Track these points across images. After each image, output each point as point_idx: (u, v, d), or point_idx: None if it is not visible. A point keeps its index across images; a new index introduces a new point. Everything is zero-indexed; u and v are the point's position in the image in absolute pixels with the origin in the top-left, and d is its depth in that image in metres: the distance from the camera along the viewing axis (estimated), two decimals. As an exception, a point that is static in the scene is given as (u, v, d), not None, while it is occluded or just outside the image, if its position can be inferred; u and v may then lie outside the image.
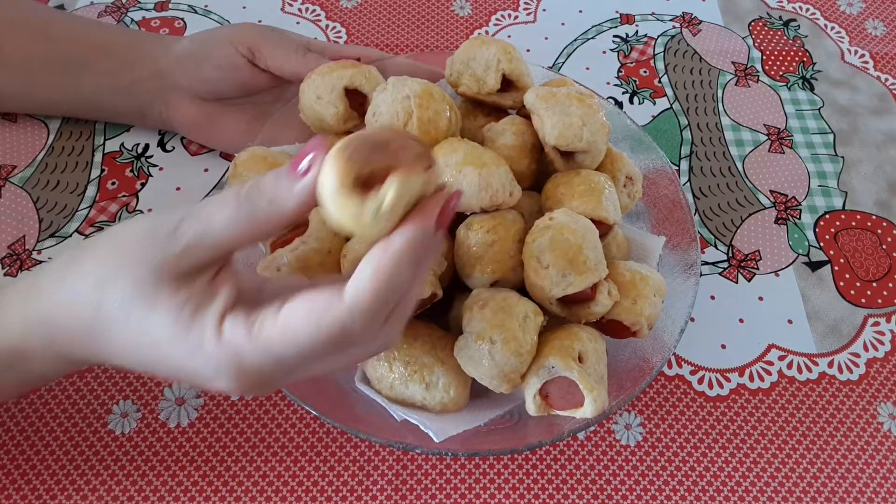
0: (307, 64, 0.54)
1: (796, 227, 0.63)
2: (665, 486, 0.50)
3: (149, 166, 0.63)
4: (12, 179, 0.61)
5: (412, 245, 0.31)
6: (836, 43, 0.77)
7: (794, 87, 0.73)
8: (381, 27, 0.75)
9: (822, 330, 0.58)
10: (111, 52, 0.59)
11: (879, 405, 0.55)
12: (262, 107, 0.61)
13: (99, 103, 0.61)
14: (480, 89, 0.52)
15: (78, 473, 0.48)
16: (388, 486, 0.49)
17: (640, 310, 0.46)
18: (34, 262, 0.57)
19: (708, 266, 0.61)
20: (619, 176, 0.52)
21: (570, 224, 0.44)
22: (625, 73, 0.73)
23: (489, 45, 0.51)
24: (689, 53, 0.75)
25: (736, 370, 0.56)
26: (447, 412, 0.45)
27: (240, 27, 0.58)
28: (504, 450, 0.45)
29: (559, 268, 0.43)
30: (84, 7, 0.73)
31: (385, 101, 0.48)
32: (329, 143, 0.31)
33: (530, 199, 0.51)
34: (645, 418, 0.53)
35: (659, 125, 0.69)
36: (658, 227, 0.56)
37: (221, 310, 0.33)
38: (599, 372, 0.44)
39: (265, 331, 0.32)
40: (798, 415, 0.54)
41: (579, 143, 0.47)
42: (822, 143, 0.69)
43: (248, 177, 0.47)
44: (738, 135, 0.69)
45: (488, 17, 0.76)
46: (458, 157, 0.45)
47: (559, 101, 0.48)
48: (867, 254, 0.62)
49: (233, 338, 0.33)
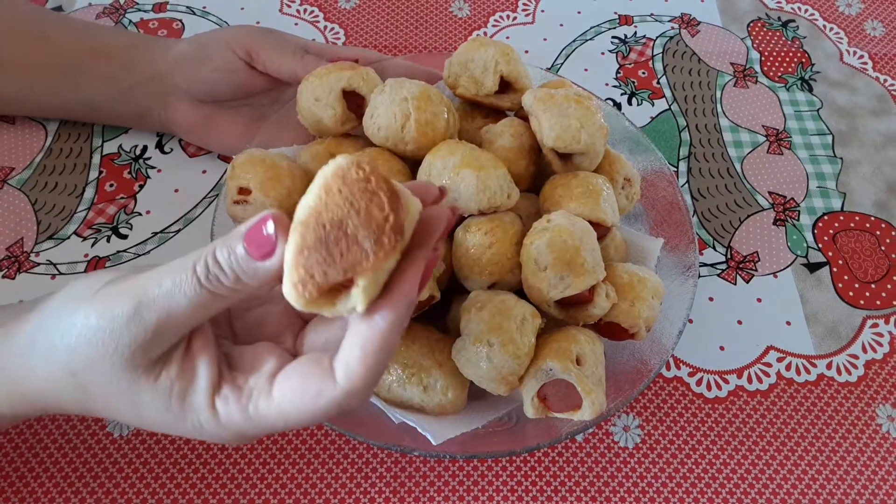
0: (305, 66, 0.54)
1: (795, 228, 0.63)
2: (663, 488, 0.50)
3: (147, 168, 0.63)
4: (10, 181, 0.61)
5: (398, 322, 0.30)
6: (834, 44, 0.77)
7: (793, 88, 0.73)
8: (380, 28, 0.75)
9: (821, 331, 0.58)
10: (109, 56, 0.59)
11: (878, 407, 0.55)
12: (259, 109, 0.61)
13: (97, 107, 0.61)
14: (478, 91, 0.52)
15: (76, 476, 0.48)
16: (386, 488, 0.49)
17: (639, 312, 0.46)
18: (32, 263, 0.57)
19: (706, 267, 0.61)
20: (617, 178, 0.52)
21: (568, 226, 0.44)
22: (623, 75, 0.73)
23: (487, 47, 0.51)
24: (688, 54, 0.75)
25: (734, 372, 0.56)
26: (445, 414, 0.45)
27: (237, 30, 0.58)
28: (502, 452, 0.45)
29: (557, 270, 0.43)
30: (82, 8, 0.73)
31: (383, 102, 0.48)
32: (281, 219, 0.30)
33: (528, 201, 0.51)
34: (643, 420, 0.53)
35: (657, 126, 0.69)
36: (656, 229, 0.56)
37: (208, 387, 0.33)
38: (597, 374, 0.44)
39: (261, 410, 0.33)
40: (796, 416, 0.54)
41: (577, 144, 0.47)
42: (821, 144, 0.69)
43: (246, 179, 0.47)
44: (737, 136, 0.69)
45: (487, 18, 0.76)
46: (456, 159, 0.45)
47: (557, 102, 0.48)
48: (866, 255, 0.62)
49: (229, 419, 0.33)
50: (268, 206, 0.47)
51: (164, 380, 0.33)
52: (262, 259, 0.30)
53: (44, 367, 0.34)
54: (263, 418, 0.33)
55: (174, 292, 0.31)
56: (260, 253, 0.30)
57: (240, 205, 0.48)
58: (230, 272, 0.31)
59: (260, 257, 0.30)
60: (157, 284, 0.31)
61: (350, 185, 0.28)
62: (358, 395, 0.31)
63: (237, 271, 0.31)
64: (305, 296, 0.28)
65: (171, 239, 0.59)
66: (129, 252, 0.58)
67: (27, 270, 0.57)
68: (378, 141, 0.49)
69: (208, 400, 0.33)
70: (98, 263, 0.57)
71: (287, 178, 0.48)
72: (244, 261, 0.31)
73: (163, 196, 0.62)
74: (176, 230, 0.60)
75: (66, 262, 0.57)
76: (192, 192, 0.62)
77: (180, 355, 0.33)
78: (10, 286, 0.56)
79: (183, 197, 0.62)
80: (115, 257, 0.58)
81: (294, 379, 0.32)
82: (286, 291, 0.29)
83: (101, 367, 0.33)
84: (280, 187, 0.47)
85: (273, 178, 0.47)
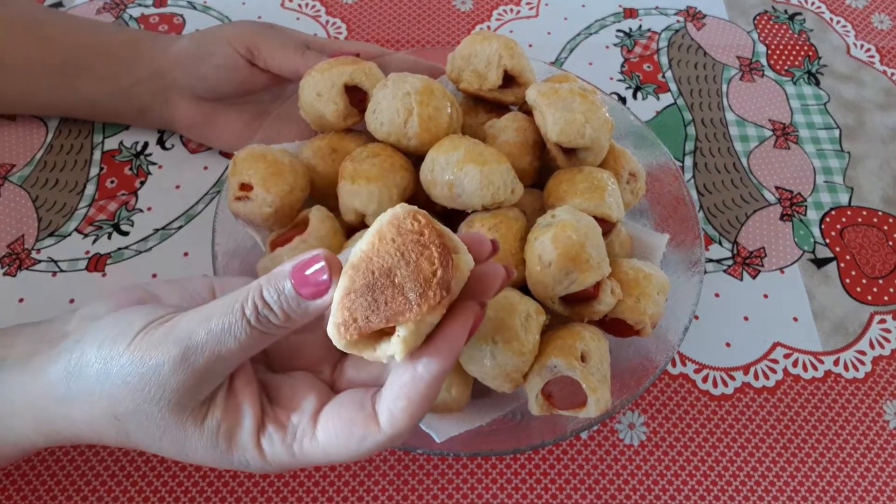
0: (306, 62, 0.53)
1: (802, 223, 0.63)
2: (669, 485, 0.50)
3: (148, 164, 0.63)
4: (11, 178, 0.61)
5: (442, 373, 0.31)
6: (841, 37, 0.76)
7: (800, 82, 0.72)
8: (382, 23, 0.74)
9: (828, 328, 0.57)
10: (110, 54, 0.59)
11: (886, 403, 0.54)
12: (261, 106, 0.60)
13: (99, 105, 0.61)
14: (482, 86, 0.51)
15: (78, 474, 0.48)
16: (389, 486, 0.49)
17: (644, 308, 0.45)
18: (33, 260, 0.57)
19: (712, 263, 0.60)
20: (622, 173, 0.51)
21: (573, 222, 0.43)
22: (628, 69, 0.72)
23: (490, 41, 0.51)
24: (694, 48, 0.74)
25: (741, 369, 0.55)
26: (449, 412, 0.45)
27: (238, 26, 0.57)
28: (506, 450, 0.45)
29: (561, 266, 0.42)
30: (83, 4, 0.73)
31: (385, 97, 0.47)
32: (334, 261, 0.31)
33: (532, 196, 0.50)
34: (649, 417, 0.53)
35: (663, 121, 0.69)
36: (662, 225, 0.55)
37: (253, 426, 0.34)
38: (602, 371, 0.44)
39: (306, 450, 0.33)
40: (804, 413, 0.53)
41: (582, 139, 0.47)
42: (828, 138, 0.68)
43: (248, 175, 0.47)
44: (743, 130, 0.68)
45: (490, 12, 0.76)
46: (460, 155, 0.45)
47: (561, 97, 0.47)
48: (873, 250, 0.62)
49: (276, 458, 0.34)
50: (269, 202, 0.46)
51: (210, 421, 0.33)
52: (313, 298, 0.31)
53: (83, 413, 0.34)
54: (308, 457, 0.34)
55: (223, 335, 0.32)
56: (311, 293, 0.31)
57: (241, 201, 0.47)
58: (280, 312, 0.32)
59: (311, 297, 0.31)
60: (204, 329, 0.32)
61: (403, 236, 0.29)
62: (400, 438, 0.33)
63: (287, 311, 0.32)
64: (346, 337, 0.29)
65: (172, 236, 0.59)
66: (131, 249, 0.58)
67: (28, 268, 0.56)
68: (380, 136, 0.48)
69: (254, 439, 0.34)
70: (99, 260, 0.57)
71: (289, 174, 0.47)
72: (294, 301, 0.32)
73: (164, 192, 0.61)
74: (177, 227, 0.59)
75: (68, 259, 0.57)
76: (194, 189, 0.61)
77: (224, 394, 0.34)
78: (11, 283, 0.56)
79: (184, 193, 0.61)
80: (117, 254, 0.58)
81: (338, 421, 0.33)
82: (330, 331, 0.30)
83: (148, 412, 0.33)
84: (282, 183, 0.47)
85: (275, 174, 0.47)
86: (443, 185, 0.45)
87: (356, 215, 0.47)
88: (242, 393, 0.34)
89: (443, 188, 0.45)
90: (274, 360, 0.38)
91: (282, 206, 0.47)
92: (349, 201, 0.46)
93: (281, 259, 0.45)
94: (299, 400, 0.35)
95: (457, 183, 0.45)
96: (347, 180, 0.46)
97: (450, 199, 0.46)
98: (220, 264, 0.48)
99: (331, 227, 0.46)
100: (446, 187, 0.45)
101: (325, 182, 0.50)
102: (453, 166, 0.45)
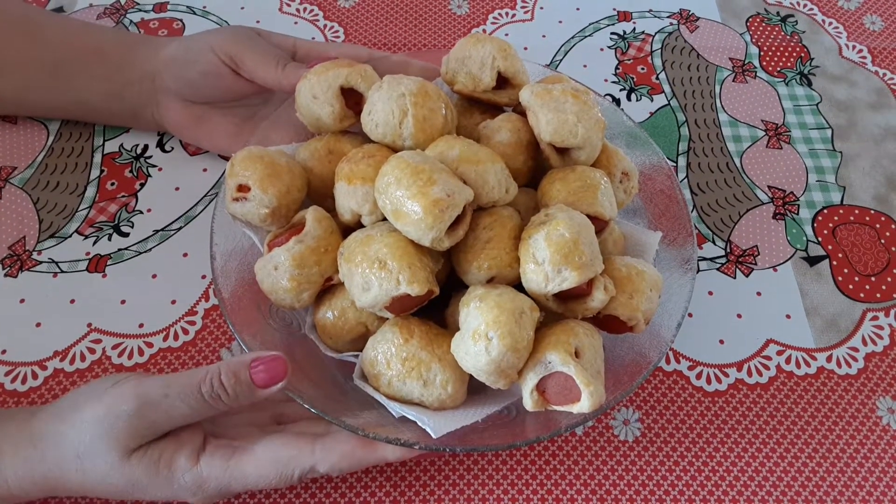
0: (287, 76, 0.54)
1: (794, 222, 0.63)
2: (663, 481, 0.50)
3: (148, 167, 0.63)
4: (12, 180, 0.62)
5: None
6: (833, 38, 0.77)
7: (792, 83, 0.73)
8: (379, 26, 0.75)
9: (821, 324, 0.58)
10: (103, 55, 0.59)
11: (878, 399, 0.55)
12: (251, 109, 0.61)
13: (93, 106, 0.61)
14: (476, 87, 0.52)
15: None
16: (386, 482, 0.49)
17: (637, 304, 0.46)
18: (34, 262, 0.57)
19: (706, 261, 0.61)
20: (615, 172, 0.52)
21: (566, 220, 0.44)
22: (622, 70, 0.73)
23: (484, 43, 0.51)
24: (687, 50, 0.75)
25: (734, 365, 0.56)
26: (445, 408, 0.45)
27: (223, 34, 0.57)
28: (502, 445, 0.45)
29: (555, 263, 0.43)
30: (83, 9, 0.74)
31: (381, 99, 0.48)
32: (284, 367, 0.42)
33: (527, 195, 0.51)
34: (643, 413, 0.53)
35: (657, 121, 0.69)
36: (654, 223, 0.56)
37: (194, 451, 0.42)
38: (596, 367, 0.44)
39: (241, 462, 0.43)
40: (797, 409, 0.54)
41: (574, 139, 0.48)
42: (820, 138, 0.69)
43: (245, 176, 0.47)
44: (736, 130, 0.69)
45: (486, 15, 0.76)
46: (454, 155, 0.45)
47: (554, 97, 0.48)
48: (865, 248, 0.62)
49: (211, 472, 0.42)
50: (266, 203, 0.47)
51: (153, 451, 0.41)
52: (265, 388, 0.42)
53: (53, 452, 0.41)
54: (241, 469, 0.42)
55: (176, 401, 0.41)
56: (265, 384, 0.42)
57: (239, 202, 0.48)
58: (232, 393, 0.41)
59: (263, 387, 0.42)
60: (163, 393, 0.41)
61: None
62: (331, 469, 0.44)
63: (239, 394, 0.42)
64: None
65: (172, 237, 0.59)
66: (131, 250, 0.58)
67: (29, 269, 0.57)
68: (376, 137, 0.49)
69: (193, 458, 0.42)
70: (100, 261, 0.58)
71: (286, 175, 0.48)
72: (248, 388, 0.42)
73: (164, 194, 0.62)
74: (177, 228, 0.60)
75: (68, 260, 0.58)
76: (193, 190, 0.62)
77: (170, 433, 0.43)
78: (13, 284, 0.56)
79: (184, 195, 0.62)
80: (117, 255, 0.58)
81: (278, 439, 0.43)
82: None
83: (99, 448, 0.40)
84: (279, 184, 0.47)
85: (272, 175, 0.47)
86: (438, 184, 0.46)
87: (352, 215, 0.47)
88: (185, 428, 0.43)
89: (438, 188, 0.46)
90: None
91: (279, 207, 0.47)
92: (345, 202, 0.47)
93: (279, 259, 0.46)
94: (242, 430, 0.45)
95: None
96: (344, 181, 0.47)
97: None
98: (218, 265, 0.49)
99: (327, 228, 0.47)
100: (441, 187, 0.46)
101: (322, 183, 0.50)
102: (448, 167, 0.45)
